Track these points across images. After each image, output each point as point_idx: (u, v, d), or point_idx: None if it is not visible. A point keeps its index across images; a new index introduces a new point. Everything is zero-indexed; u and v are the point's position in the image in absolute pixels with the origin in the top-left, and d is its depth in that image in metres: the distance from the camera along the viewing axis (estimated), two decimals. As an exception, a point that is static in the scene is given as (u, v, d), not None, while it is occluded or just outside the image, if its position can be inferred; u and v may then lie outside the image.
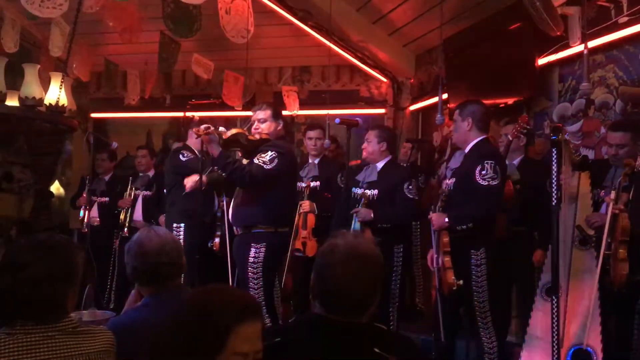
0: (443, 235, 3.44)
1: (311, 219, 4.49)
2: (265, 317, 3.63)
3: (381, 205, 4.00)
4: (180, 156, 4.53)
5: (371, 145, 4.21)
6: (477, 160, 3.39)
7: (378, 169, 4.18)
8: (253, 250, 3.65)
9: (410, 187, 4.02)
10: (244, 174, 3.61)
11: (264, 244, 3.66)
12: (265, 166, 3.63)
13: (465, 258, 3.38)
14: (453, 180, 3.53)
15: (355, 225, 3.95)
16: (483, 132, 3.53)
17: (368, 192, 4.07)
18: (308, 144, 4.90)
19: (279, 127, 3.89)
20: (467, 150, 3.54)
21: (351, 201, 4.08)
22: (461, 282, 3.36)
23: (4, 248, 3.68)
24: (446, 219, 3.42)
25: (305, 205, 4.50)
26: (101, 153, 5.71)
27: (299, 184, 4.58)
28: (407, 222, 4.51)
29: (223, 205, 4.44)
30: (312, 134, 4.85)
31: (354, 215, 3.97)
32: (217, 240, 4.57)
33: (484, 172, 3.32)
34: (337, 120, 3.65)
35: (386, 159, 4.20)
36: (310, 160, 4.88)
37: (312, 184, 4.68)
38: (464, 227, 3.38)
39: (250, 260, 3.65)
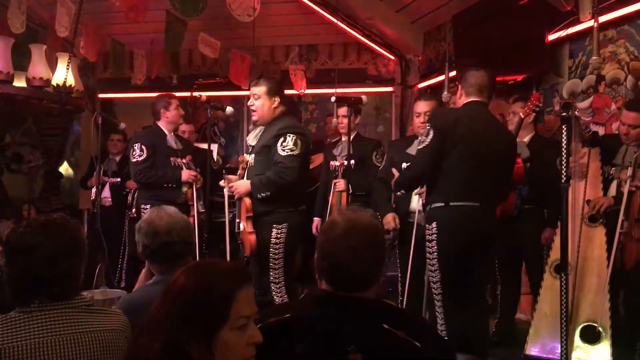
0: None
1: (345, 197, 4.29)
2: (284, 297, 3.63)
3: None
4: (132, 154, 4.34)
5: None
6: None
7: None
8: (274, 231, 3.60)
9: None
10: (283, 179, 3.50)
11: (286, 224, 3.60)
12: (293, 153, 3.52)
13: None
14: None
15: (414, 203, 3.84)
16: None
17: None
18: (338, 121, 4.62)
19: (275, 105, 3.66)
20: None
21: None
22: None
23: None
24: None
25: (340, 184, 4.36)
26: (115, 134, 5.70)
27: (332, 162, 4.50)
28: None
29: (192, 192, 4.32)
30: (341, 111, 4.55)
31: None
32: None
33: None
34: (333, 99, 3.58)
35: None
36: (343, 139, 4.56)
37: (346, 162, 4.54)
38: None
39: (272, 241, 3.59)
